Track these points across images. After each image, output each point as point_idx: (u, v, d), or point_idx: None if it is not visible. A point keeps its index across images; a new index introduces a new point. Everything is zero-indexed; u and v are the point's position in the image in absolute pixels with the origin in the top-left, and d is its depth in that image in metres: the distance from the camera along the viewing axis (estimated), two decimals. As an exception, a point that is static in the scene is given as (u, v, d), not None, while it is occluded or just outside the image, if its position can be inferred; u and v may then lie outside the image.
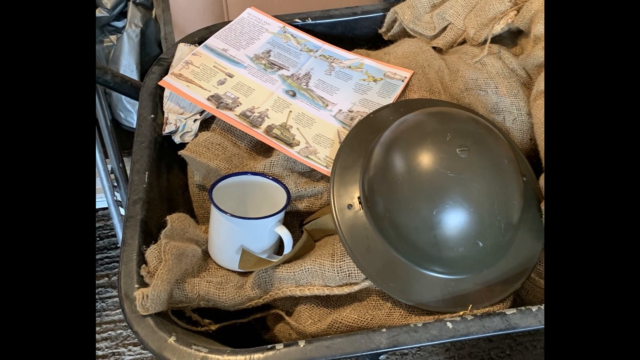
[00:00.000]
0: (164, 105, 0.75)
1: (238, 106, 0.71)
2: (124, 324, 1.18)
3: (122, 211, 1.10)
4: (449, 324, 0.53)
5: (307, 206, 0.67)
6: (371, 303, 0.60)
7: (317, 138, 0.69)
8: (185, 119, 0.73)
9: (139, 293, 0.55)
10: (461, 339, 0.53)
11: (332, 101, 0.74)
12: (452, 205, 0.55)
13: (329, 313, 0.61)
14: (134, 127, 0.75)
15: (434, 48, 0.81)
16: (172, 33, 1.18)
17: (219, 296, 0.60)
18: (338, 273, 0.59)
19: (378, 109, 0.70)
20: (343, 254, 0.60)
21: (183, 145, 0.70)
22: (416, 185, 0.57)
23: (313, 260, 0.60)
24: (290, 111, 0.72)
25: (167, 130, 0.72)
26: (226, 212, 0.60)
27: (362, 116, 0.70)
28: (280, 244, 0.65)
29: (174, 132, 0.72)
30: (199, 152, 0.68)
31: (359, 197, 0.62)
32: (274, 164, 0.67)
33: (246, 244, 0.62)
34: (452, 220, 0.55)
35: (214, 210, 0.62)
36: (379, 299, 0.60)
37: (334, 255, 0.60)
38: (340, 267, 0.59)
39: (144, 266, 0.58)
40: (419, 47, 0.79)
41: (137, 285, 0.56)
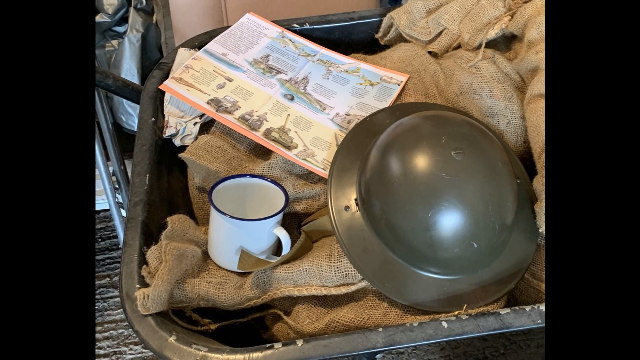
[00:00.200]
0: (164, 108, 0.75)
1: (237, 110, 0.71)
2: (125, 324, 1.17)
3: (124, 213, 1.09)
4: (444, 324, 0.54)
5: (305, 208, 0.67)
6: (368, 303, 0.60)
7: (315, 141, 0.69)
8: (186, 122, 0.73)
9: (140, 293, 0.55)
10: (456, 338, 0.54)
11: (329, 105, 0.74)
12: (447, 207, 0.55)
13: (327, 313, 0.61)
14: (135, 130, 0.75)
15: (430, 53, 0.81)
16: (172, 38, 1.17)
17: (218, 296, 0.60)
18: (335, 273, 0.60)
19: (374, 112, 0.70)
20: (340, 254, 0.60)
21: (183, 148, 0.70)
22: (412, 187, 0.57)
23: (311, 261, 0.60)
24: (289, 114, 0.72)
25: (168, 133, 0.73)
26: (225, 214, 0.60)
27: (358, 119, 0.71)
28: (278, 245, 0.65)
29: (174, 135, 0.73)
30: (198, 154, 0.68)
31: (355, 199, 0.62)
32: (272, 167, 0.67)
33: (245, 245, 0.62)
34: (447, 222, 0.56)
35: (213, 212, 0.62)
36: (375, 299, 0.60)
37: (332, 256, 0.60)
38: (338, 268, 0.60)
39: (144, 267, 0.58)
40: (415, 52, 0.79)
41: (138, 286, 0.56)
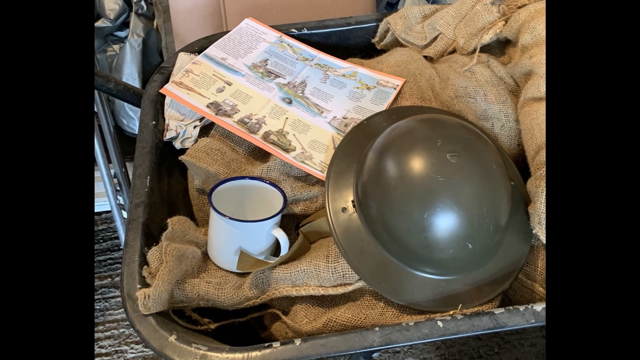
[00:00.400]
0: (165, 112, 0.75)
1: (236, 113, 0.71)
2: (126, 323, 1.17)
3: (125, 214, 1.10)
4: (440, 323, 0.54)
5: (302, 209, 0.67)
6: (365, 303, 0.61)
7: (313, 144, 0.70)
8: (186, 126, 0.73)
9: (140, 293, 0.55)
10: (451, 337, 0.54)
11: (327, 108, 0.75)
12: (442, 208, 0.56)
13: (324, 312, 0.61)
14: (136, 133, 0.75)
15: (425, 57, 0.81)
16: (172, 42, 1.17)
17: (218, 296, 0.61)
18: (333, 274, 0.60)
19: (371, 115, 0.71)
20: (337, 255, 0.60)
21: (183, 151, 0.71)
22: (408, 189, 0.57)
23: (309, 262, 0.61)
24: (287, 118, 0.72)
25: (168, 136, 0.73)
26: (225, 215, 0.60)
27: (355, 123, 0.71)
28: (277, 245, 0.65)
29: (175, 138, 0.73)
30: (198, 157, 0.69)
31: (353, 201, 0.62)
32: (271, 169, 0.68)
33: (244, 246, 0.62)
34: (442, 223, 0.56)
35: (213, 214, 0.62)
36: (372, 298, 0.60)
37: (329, 257, 0.60)
38: (335, 268, 0.60)
39: (145, 267, 0.59)
40: (411, 56, 0.79)
41: (139, 286, 0.57)
